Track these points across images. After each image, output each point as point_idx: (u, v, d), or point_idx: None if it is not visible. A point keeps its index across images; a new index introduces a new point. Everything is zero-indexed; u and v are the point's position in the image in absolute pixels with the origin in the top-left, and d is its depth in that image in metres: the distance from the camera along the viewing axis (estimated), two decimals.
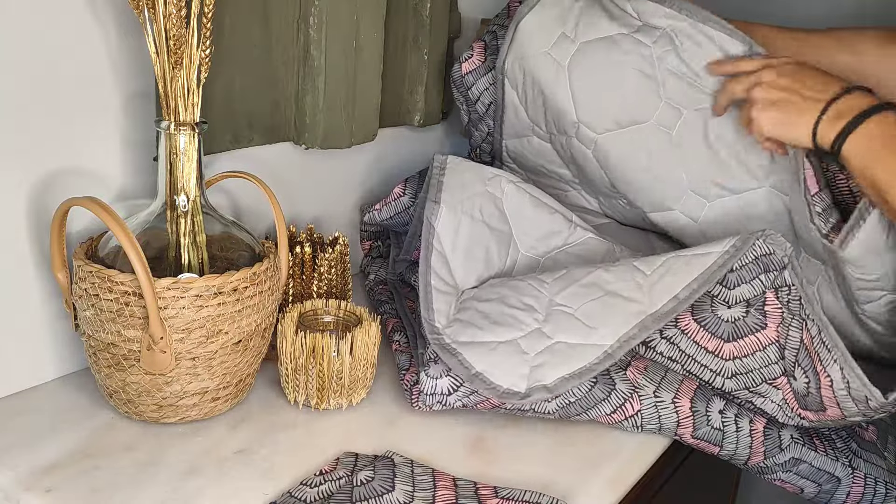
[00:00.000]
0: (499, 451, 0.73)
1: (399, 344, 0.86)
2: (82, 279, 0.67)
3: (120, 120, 0.76)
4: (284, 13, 0.87)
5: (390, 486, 0.64)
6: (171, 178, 0.69)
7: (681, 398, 0.76)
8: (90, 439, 0.68)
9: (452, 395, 0.74)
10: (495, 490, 0.65)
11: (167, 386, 0.68)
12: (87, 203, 0.64)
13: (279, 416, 0.75)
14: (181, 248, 0.71)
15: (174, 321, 0.66)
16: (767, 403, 0.76)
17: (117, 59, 0.74)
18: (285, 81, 0.90)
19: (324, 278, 0.87)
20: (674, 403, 0.75)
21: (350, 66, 0.92)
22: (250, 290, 0.70)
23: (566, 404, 0.75)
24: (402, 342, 0.86)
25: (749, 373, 0.74)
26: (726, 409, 0.77)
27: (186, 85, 0.67)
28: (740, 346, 0.74)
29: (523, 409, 0.75)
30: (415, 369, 0.80)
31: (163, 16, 0.64)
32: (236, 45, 0.82)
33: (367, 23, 0.93)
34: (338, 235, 0.92)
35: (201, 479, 0.64)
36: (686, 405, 0.75)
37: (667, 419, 0.75)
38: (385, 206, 1.02)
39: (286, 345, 0.74)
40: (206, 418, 0.72)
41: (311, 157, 0.99)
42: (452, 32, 1.14)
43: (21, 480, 0.62)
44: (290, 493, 0.63)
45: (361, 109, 0.96)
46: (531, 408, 0.75)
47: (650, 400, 0.75)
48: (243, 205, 0.91)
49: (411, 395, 0.77)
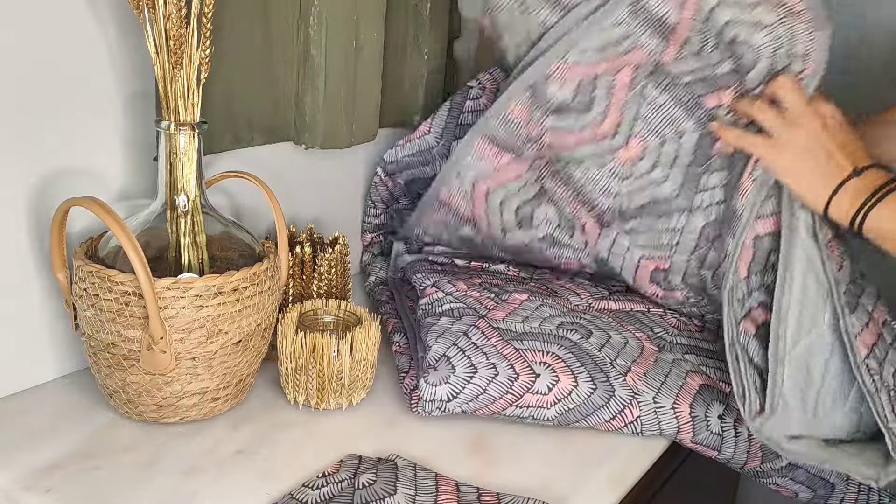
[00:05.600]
0: (499, 451, 0.73)
1: (399, 345, 0.86)
2: (82, 279, 0.67)
3: (120, 120, 0.76)
4: (284, 13, 0.87)
5: (392, 490, 0.64)
6: (171, 178, 0.69)
7: (680, 403, 0.76)
8: (90, 439, 0.68)
9: (452, 401, 0.74)
10: (498, 496, 0.65)
11: (167, 386, 0.68)
12: (87, 203, 0.64)
13: (279, 416, 0.75)
14: (181, 248, 0.71)
15: (174, 321, 0.66)
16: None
17: (117, 59, 0.74)
18: (285, 81, 0.90)
19: (324, 278, 0.87)
20: (673, 409, 0.75)
21: (350, 66, 0.92)
22: (250, 290, 0.70)
23: (565, 411, 0.75)
24: (401, 343, 0.86)
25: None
26: (725, 415, 0.77)
27: (186, 85, 0.67)
28: None
29: (522, 416, 0.75)
30: (414, 373, 0.80)
31: (163, 16, 0.64)
32: (236, 45, 0.82)
33: (367, 23, 0.93)
34: (338, 236, 0.92)
35: (201, 479, 0.64)
36: (685, 410, 0.75)
37: (667, 425, 0.75)
38: (409, 142, 0.99)
39: (286, 345, 0.74)
40: (206, 418, 0.72)
41: (311, 157, 0.99)
42: (452, 32, 1.14)
43: (21, 480, 0.62)
44: (292, 494, 0.63)
45: (361, 109, 0.96)
46: (530, 415, 0.75)
47: (649, 406, 0.75)
48: (243, 205, 0.91)
49: (410, 399, 0.77)
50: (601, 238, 0.93)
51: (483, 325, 0.81)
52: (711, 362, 0.83)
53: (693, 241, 0.86)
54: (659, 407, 0.75)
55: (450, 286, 0.88)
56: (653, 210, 0.88)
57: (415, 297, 0.91)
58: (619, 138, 0.85)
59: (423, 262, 1.00)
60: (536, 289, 0.92)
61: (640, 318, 0.89)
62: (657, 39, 0.80)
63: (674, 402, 0.76)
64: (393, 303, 0.95)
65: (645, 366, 0.79)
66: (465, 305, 0.84)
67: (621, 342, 0.82)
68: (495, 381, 0.74)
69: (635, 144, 0.85)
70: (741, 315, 0.76)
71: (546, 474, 0.70)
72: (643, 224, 0.89)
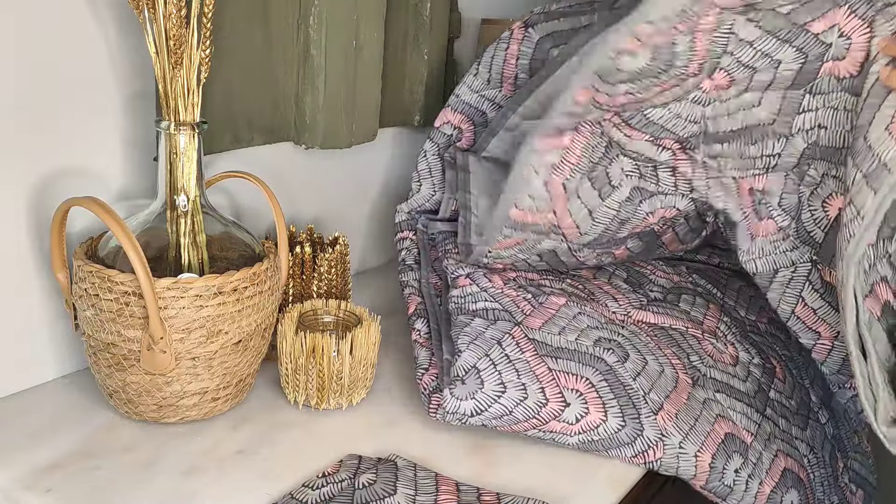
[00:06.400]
0: (499, 452, 0.73)
1: (420, 335, 0.82)
2: (82, 279, 0.67)
3: (120, 120, 0.76)
4: (284, 13, 0.87)
5: (392, 490, 0.64)
6: (171, 178, 0.69)
7: (704, 452, 0.73)
8: (90, 439, 0.68)
9: (475, 416, 0.72)
10: (498, 496, 0.65)
11: (167, 386, 0.68)
12: (87, 203, 0.64)
13: (279, 416, 0.75)
14: (181, 248, 0.71)
15: (174, 321, 0.66)
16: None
17: (117, 59, 0.74)
18: (285, 81, 0.90)
19: (324, 278, 0.87)
20: (696, 457, 0.73)
21: (350, 66, 0.92)
22: (250, 290, 0.70)
23: (588, 441, 0.72)
24: (422, 333, 0.83)
25: None
26: (742, 469, 0.74)
27: (186, 85, 0.67)
28: None
29: (542, 438, 0.73)
30: (435, 372, 0.77)
31: (163, 16, 0.64)
32: (236, 45, 0.82)
33: (367, 23, 0.93)
34: (338, 236, 0.92)
35: (201, 479, 0.64)
36: (706, 460, 0.73)
37: (685, 470, 0.73)
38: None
39: (286, 345, 0.74)
40: (206, 418, 0.72)
41: (311, 157, 0.99)
42: (452, 32, 1.14)
43: (21, 480, 0.62)
44: (292, 494, 0.63)
45: (361, 109, 0.96)
46: (551, 439, 0.73)
47: (674, 450, 0.73)
48: (243, 205, 0.91)
49: (429, 402, 0.75)
50: (693, 171, 0.86)
51: (518, 333, 0.77)
52: (739, 406, 0.80)
53: (793, 161, 0.81)
54: (682, 453, 0.73)
55: (485, 280, 0.84)
56: (744, 136, 0.82)
57: (442, 271, 0.88)
58: (705, 73, 0.79)
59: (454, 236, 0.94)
60: (574, 289, 0.88)
61: (678, 340, 0.86)
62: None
63: (698, 450, 0.73)
64: (419, 270, 0.91)
65: (677, 404, 0.76)
66: (501, 307, 0.81)
67: (657, 370, 0.79)
68: (523, 404, 0.72)
69: (722, 77, 0.79)
70: (867, 290, 0.66)
71: (546, 474, 0.70)
72: (732, 149, 0.83)
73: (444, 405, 0.72)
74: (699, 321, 0.91)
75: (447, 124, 0.99)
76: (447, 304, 0.83)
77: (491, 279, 0.85)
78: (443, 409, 0.72)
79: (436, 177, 1.00)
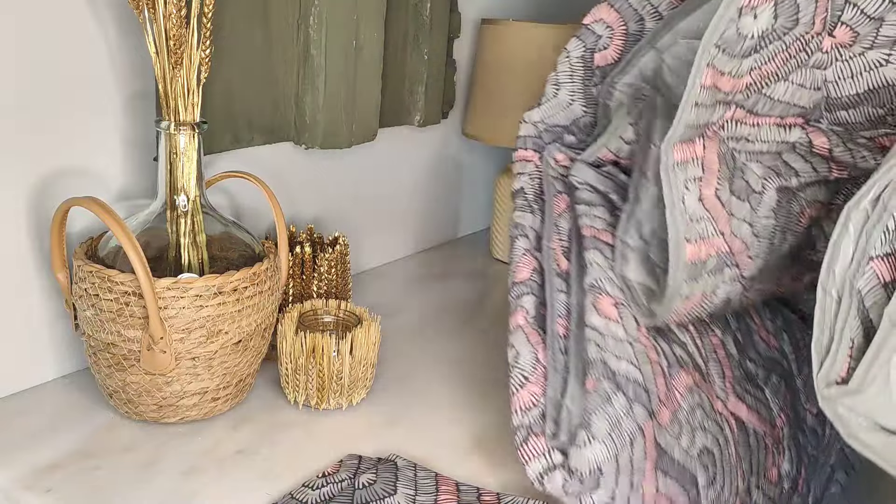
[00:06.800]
0: (499, 452, 0.73)
1: (526, 317, 0.69)
2: (82, 279, 0.67)
3: (120, 120, 0.76)
4: (284, 13, 0.87)
5: (392, 490, 0.64)
6: (171, 178, 0.69)
7: None
8: (90, 439, 0.68)
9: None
10: (498, 496, 0.65)
11: (167, 386, 0.68)
12: (87, 203, 0.64)
13: (279, 416, 0.75)
14: (181, 248, 0.71)
15: (174, 321, 0.66)
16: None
17: (117, 59, 0.74)
18: (285, 81, 0.90)
19: (324, 278, 0.87)
20: None
21: (350, 66, 0.92)
22: (250, 290, 0.70)
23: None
24: (530, 315, 0.69)
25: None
26: None
27: (186, 85, 0.67)
28: None
29: None
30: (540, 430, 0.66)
31: (163, 16, 0.64)
32: (236, 45, 0.82)
33: (367, 23, 0.93)
34: (338, 235, 0.92)
35: (201, 479, 0.64)
36: None
37: None
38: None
39: (286, 345, 0.74)
40: (206, 418, 0.72)
41: (311, 157, 0.99)
42: (452, 32, 1.14)
43: (21, 480, 0.62)
44: (292, 494, 0.63)
45: (361, 109, 0.96)
46: None
47: None
48: (243, 205, 0.91)
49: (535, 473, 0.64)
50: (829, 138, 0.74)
51: (649, 433, 0.66)
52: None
53: None
54: None
55: (632, 320, 0.69)
56: (872, 98, 0.72)
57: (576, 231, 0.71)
58: (825, 30, 0.69)
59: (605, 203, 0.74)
60: (695, 348, 0.76)
61: (753, 450, 0.76)
62: None
63: None
64: (540, 216, 0.74)
65: None
66: (642, 379, 0.66)
67: (727, 500, 0.70)
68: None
69: (844, 32, 0.69)
70: (879, 252, 0.58)
71: None
72: (858, 114, 0.73)
73: (546, 483, 0.64)
74: (773, 422, 0.80)
75: (599, 22, 0.79)
76: (579, 300, 0.69)
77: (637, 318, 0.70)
78: (542, 482, 0.64)
79: (577, 82, 0.78)
